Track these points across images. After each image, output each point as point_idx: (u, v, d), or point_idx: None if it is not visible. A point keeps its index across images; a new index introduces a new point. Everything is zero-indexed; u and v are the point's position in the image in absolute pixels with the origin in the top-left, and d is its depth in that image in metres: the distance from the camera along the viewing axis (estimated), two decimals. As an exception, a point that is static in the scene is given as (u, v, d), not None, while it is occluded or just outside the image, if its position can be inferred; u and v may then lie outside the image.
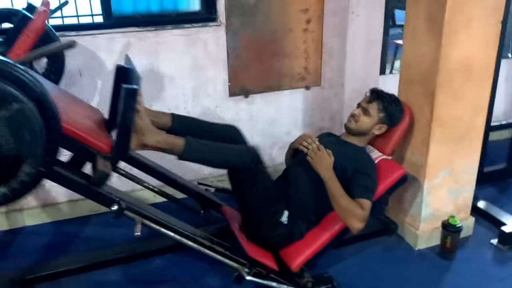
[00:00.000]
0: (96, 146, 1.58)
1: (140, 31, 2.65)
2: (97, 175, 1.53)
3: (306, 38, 3.02)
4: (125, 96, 1.53)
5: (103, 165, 1.54)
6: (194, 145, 1.85)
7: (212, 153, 1.91)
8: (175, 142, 1.81)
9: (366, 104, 2.22)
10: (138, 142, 1.73)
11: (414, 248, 2.48)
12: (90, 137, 1.58)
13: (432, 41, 2.12)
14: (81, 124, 1.64)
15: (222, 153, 1.93)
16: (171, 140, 1.81)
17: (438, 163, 2.33)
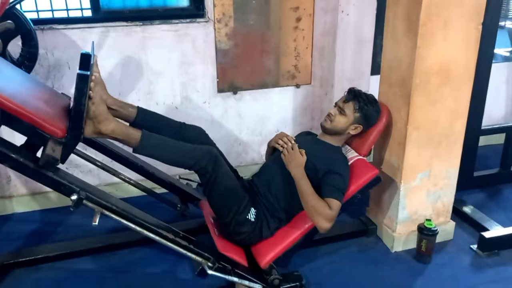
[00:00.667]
0: (47, 130, 1.60)
1: (128, 26, 2.69)
2: (44, 158, 1.55)
3: (297, 36, 3.02)
4: (77, 81, 1.56)
5: (52, 149, 1.57)
6: (150, 140, 1.87)
7: (167, 151, 1.91)
8: (132, 133, 1.82)
9: (342, 103, 2.22)
10: (94, 129, 1.75)
11: (391, 251, 2.47)
12: (41, 120, 1.59)
13: (409, 43, 2.10)
14: (35, 108, 1.64)
15: (177, 152, 1.93)
16: (127, 131, 1.82)
17: (415, 165, 2.31)
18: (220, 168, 1.97)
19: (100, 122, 1.75)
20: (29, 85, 1.93)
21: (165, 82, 2.88)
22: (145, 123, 2.11)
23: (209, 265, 1.92)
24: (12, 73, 1.93)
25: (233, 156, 3.18)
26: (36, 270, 2.34)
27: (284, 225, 2.19)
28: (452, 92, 2.20)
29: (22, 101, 1.62)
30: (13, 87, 1.74)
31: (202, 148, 1.97)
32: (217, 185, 1.98)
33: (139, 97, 2.86)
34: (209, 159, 1.93)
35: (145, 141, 1.85)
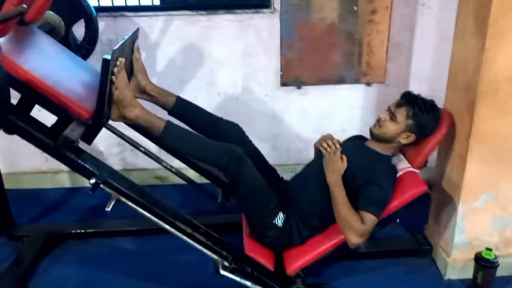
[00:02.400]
0: (73, 111, 1.67)
1: (193, 15, 2.70)
2: (60, 138, 1.61)
3: (371, 30, 2.78)
4: (101, 66, 1.60)
5: (71, 130, 1.63)
6: (174, 131, 1.85)
7: (190, 143, 1.88)
8: (155, 122, 1.82)
9: (395, 108, 1.99)
10: (119, 114, 1.79)
11: (443, 277, 2.19)
12: (68, 101, 1.66)
13: (478, 43, 1.81)
14: (67, 89, 1.71)
15: (200, 146, 1.88)
16: (151, 118, 1.82)
17: (478, 185, 2.00)
18: (243, 169, 1.88)
19: (125, 107, 1.78)
20: (72, 68, 2.02)
21: (227, 72, 2.86)
22: (182, 113, 2.11)
23: (224, 264, 1.86)
24: (58, 55, 2.04)
25: (293, 153, 3.07)
26: (85, 243, 2.50)
27: (317, 233, 2.05)
28: (530, 103, 1.85)
29: (54, 82, 1.70)
30: (50, 68, 1.83)
31: (225, 146, 1.90)
32: (240, 186, 1.92)
33: (201, 85, 2.88)
34: (231, 158, 1.85)
35: (169, 130, 1.84)
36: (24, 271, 2.22)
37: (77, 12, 2.25)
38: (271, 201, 1.97)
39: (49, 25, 2.18)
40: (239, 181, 1.89)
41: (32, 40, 1.96)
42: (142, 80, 2.03)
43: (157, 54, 2.78)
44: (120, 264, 2.33)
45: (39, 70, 1.70)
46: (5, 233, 2.45)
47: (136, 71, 2.03)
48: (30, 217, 2.72)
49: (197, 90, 2.87)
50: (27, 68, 1.65)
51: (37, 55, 1.89)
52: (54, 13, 2.19)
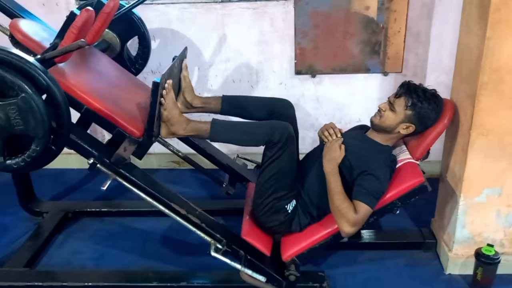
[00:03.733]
0: (127, 130, 1.81)
1: (208, 3, 2.75)
2: (114, 157, 1.79)
3: (387, 18, 2.72)
4: (152, 89, 1.72)
5: (123, 149, 1.79)
6: (220, 127, 1.91)
7: (238, 133, 1.94)
8: (202, 127, 1.90)
9: (394, 98, 1.96)
10: (168, 131, 1.89)
11: (444, 272, 2.14)
12: (123, 120, 1.81)
13: (480, 32, 1.74)
14: (121, 108, 1.86)
15: (249, 132, 1.93)
16: (197, 126, 1.91)
17: (480, 179, 1.93)
18: (289, 147, 1.91)
19: (173, 124, 1.88)
20: (123, 82, 2.16)
21: (242, 60, 2.88)
22: (232, 110, 2.18)
23: (217, 246, 1.91)
24: (110, 71, 2.18)
25: (308, 142, 3.06)
26: (100, 221, 2.63)
27: (315, 222, 2.05)
28: (536, 95, 1.77)
29: (110, 103, 1.85)
30: (107, 89, 1.98)
31: (279, 123, 1.94)
32: (277, 163, 1.92)
33: (216, 73, 2.92)
34: (283, 134, 1.87)
35: (215, 129, 1.90)
36: (41, 245, 2.38)
37: (132, 29, 2.38)
38: (293, 188, 2.00)
39: (106, 43, 2.32)
40: (278, 158, 1.90)
41: (90, 61, 2.11)
42: (188, 97, 2.12)
43: (173, 42, 2.84)
44: (128, 242, 2.44)
45: (96, 91, 1.85)
46: (27, 208, 2.62)
47: (183, 88, 2.12)
48: (52, 195, 2.89)
49: (212, 78, 2.92)
50: (86, 90, 1.81)
51: (95, 75, 2.03)
52: (110, 31, 2.32)
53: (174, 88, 1.98)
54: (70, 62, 1.89)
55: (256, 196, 2.07)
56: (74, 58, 1.94)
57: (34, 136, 1.52)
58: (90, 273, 2.21)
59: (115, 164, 1.81)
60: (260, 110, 2.16)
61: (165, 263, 2.29)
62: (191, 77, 2.27)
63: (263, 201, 2.00)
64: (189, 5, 2.76)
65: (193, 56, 2.86)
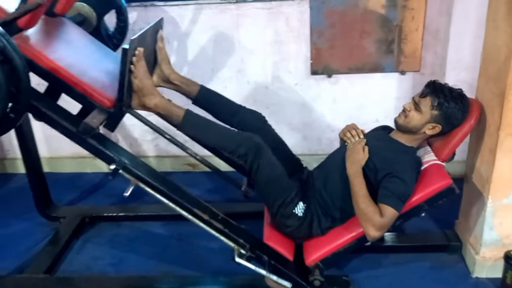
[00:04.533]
0: (96, 99, 1.74)
1: (222, 3, 2.71)
2: (82, 126, 1.69)
3: (404, 16, 2.67)
4: (122, 55, 1.66)
5: (92, 118, 1.70)
6: (193, 120, 1.87)
7: (209, 133, 1.90)
8: (175, 111, 1.85)
9: (419, 98, 1.91)
10: (139, 102, 1.84)
11: (471, 275, 2.10)
12: (91, 90, 1.74)
13: (509, 29, 1.69)
14: (91, 78, 1.78)
15: (219, 134, 1.90)
16: (170, 107, 1.85)
17: (509, 180, 1.89)
18: (263, 158, 1.88)
19: (145, 95, 1.83)
20: (98, 58, 2.09)
21: (257, 60, 2.85)
22: (205, 102, 2.13)
23: (241, 252, 1.88)
24: (86, 46, 2.11)
25: (325, 143, 3.03)
26: (117, 226, 2.61)
27: (338, 224, 2.02)
28: None
29: (79, 71, 1.78)
30: (76, 58, 1.90)
31: (243, 135, 1.91)
32: (259, 175, 1.91)
33: (231, 74, 2.89)
34: (250, 147, 1.85)
35: (188, 119, 1.87)
36: (59, 250, 2.35)
37: (108, 2, 2.32)
38: (290, 190, 1.96)
39: (81, 16, 2.27)
40: (257, 170, 1.89)
41: (61, 31, 2.05)
42: (165, 69, 2.07)
43: (188, 43, 2.82)
44: (147, 247, 2.42)
45: (65, 59, 1.78)
46: (44, 214, 2.60)
47: (160, 61, 2.07)
48: (68, 200, 2.87)
49: (227, 79, 2.89)
50: (52, 58, 1.74)
51: (64, 45, 1.97)
52: (86, 4, 2.28)
53: (148, 59, 1.91)
54: (39, 31, 1.85)
55: (265, 204, 2.05)
56: (44, 27, 1.90)
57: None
58: (111, 278, 2.20)
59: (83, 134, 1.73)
60: (231, 115, 2.10)
61: (186, 268, 2.26)
62: (205, 79, 2.23)
63: (271, 210, 1.99)
64: (203, 6, 2.73)
65: (208, 58, 2.84)
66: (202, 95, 2.14)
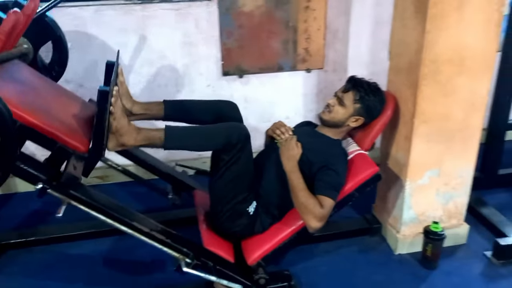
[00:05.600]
0: (70, 145, 1.58)
1: (127, 4, 2.57)
2: (65, 177, 1.55)
3: (307, 17, 2.81)
4: (98, 98, 1.51)
5: (73, 167, 1.57)
6: (175, 134, 1.78)
7: (195, 138, 1.83)
8: (155, 135, 1.75)
9: (342, 93, 2.03)
10: (117, 143, 1.70)
11: (394, 253, 2.29)
12: (64, 135, 1.57)
13: (418, 26, 1.87)
14: (58, 120, 1.62)
15: (206, 136, 1.83)
16: (149, 134, 1.75)
17: (423, 162, 2.10)
18: (247, 149, 1.86)
19: (123, 135, 1.69)
20: (54, 94, 1.90)
21: (167, 63, 2.76)
22: (176, 115, 2.05)
23: (186, 261, 1.80)
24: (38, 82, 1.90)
25: (239, 143, 3.04)
26: (29, 251, 2.32)
27: (276, 221, 2.05)
28: (468, 83, 1.96)
29: (44, 114, 1.60)
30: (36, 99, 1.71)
31: (234, 124, 1.89)
32: (236, 165, 1.86)
33: (140, 78, 2.76)
34: (240, 134, 1.81)
35: (169, 136, 1.76)
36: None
37: (45, 33, 2.11)
38: (253, 186, 1.96)
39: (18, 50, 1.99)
40: (239, 159, 1.84)
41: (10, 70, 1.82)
42: (127, 103, 1.96)
43: (90, 47, 2.61)
44: (68, 270, 2.20)
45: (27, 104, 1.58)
46: None
47: (121, 95, 1.91)
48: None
49: (137, 84, 2.75)
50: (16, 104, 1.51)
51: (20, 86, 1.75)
52: (22, 37, 2.00)
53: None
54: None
55: (214, 204, 2.01)
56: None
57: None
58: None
59: (67, 187, 1.60)
60: (206, 114, 2.08)
61: (117, 287, 2.10)
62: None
63: (224, 208, 1.95)
64: (106, 7, 2.56)
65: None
66: (169, 110, 2.05)
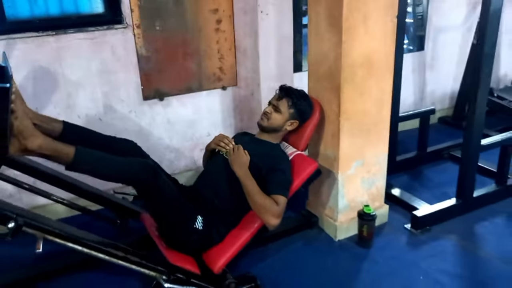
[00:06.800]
0: None
1: (40, 36, 2.49)
2: None
3: (219, 38, 3.00)
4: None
5: None
6: (86, 155, 1.73)
7: (105, 165, 1.78)
8: (63, 149, 1.67)
9: (276, 101, 2.25)
10: (19, 147, 1.60)
11: (334, 240, 2.54)
12: None
13: (334, 38, 2.18)
14: None
15: (115, 166, 1.80)
16: (58, 146, 1.67)
17: (350, 155, 2.40)
18: (160, 180, 1.88)
19: (26, 138, 1.60)
20: None
21: (86, 93, 2.71)
22: (73, 138, 1.94)
23: (164, 278, 1.84)
24: None
25: (166, 164, 3.07)
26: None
27: (233, 227, 2.16)
28: (377, 82, 2.32)
29: None
30: None
31: (139, 161, 1.89)
32: (158, 197, 1.91)
33: (58, 111, 2.66)
34: (147, 171, 1.83)
35: (80, 156, 1.70)
36: None
37: None
38: (188, 207, 2.02)
39: None
40: (157, 192, 1.88)
41: None
42: (24, 109, 1.83)
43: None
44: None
45: None
46: None
47: (14, 99, 1.81)
48: None
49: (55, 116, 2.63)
50: None
51: None
52: None
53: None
54: None
55: (160, 230, 2.06)
56: None
57: None
58: None
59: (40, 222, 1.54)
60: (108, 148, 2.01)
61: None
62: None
63: (170, 232, 2.03)
64: (15, 41, 2.45)
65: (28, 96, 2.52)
66: (67, 131, 1.98)
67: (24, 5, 2.49)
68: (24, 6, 2.49)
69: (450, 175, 3.19)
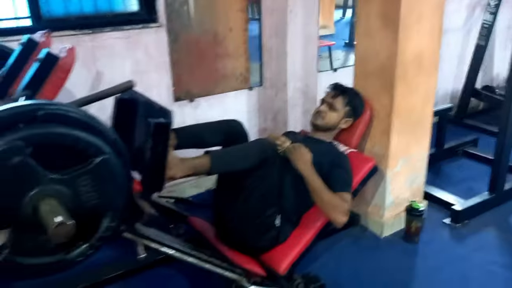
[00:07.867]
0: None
1: (76, 35, 2.38)
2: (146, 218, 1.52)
3: (247, 38, 2.96)
4: (158, 133, 1.43)
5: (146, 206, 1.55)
6: (220, 157, 1.78)
7: (237, 159, 1.83)
8: (199, 163, 1.73)
9: (332, 99, 2.24)
10: (166, 177, 1.61)
11: (380, 236, 2.55)
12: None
13: (388, 37, 2.21)
14: None
15: (245, 155, 1.84)
16: (194, 163, 1.73)
17: (398, 152, 2.42)
18: (277, 161, 1.91)
19: (171, 168, 1.62)
20: None
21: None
22: (188, 141, 2.03)
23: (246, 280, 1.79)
24: None
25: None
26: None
27: (295, 227, 2.13)
28: (425, 79, 2.36)
29: None
30: None
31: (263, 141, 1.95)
32: (268, 180, 1.91)
33: (92, 111, 2.52)
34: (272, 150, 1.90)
35: (216, 161, 1.75)
36: None
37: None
38: (275, 199, 2.00)
39: None
40: (270, 173, 1.89)
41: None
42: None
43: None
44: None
45: None
46: None
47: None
48: None
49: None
50: None
51: None
52: None
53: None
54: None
55: (238, 222, 2.01)
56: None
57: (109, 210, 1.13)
58: None
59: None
60: (215, 136, 2.10)
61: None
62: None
63: (251, 224, 1.98)
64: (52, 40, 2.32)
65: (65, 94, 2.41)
66: (181, 138, 2.00)
67: (58, 2, 2.37)
68: (58, 3, 2.37)
69: (468, 171, 3.30)
